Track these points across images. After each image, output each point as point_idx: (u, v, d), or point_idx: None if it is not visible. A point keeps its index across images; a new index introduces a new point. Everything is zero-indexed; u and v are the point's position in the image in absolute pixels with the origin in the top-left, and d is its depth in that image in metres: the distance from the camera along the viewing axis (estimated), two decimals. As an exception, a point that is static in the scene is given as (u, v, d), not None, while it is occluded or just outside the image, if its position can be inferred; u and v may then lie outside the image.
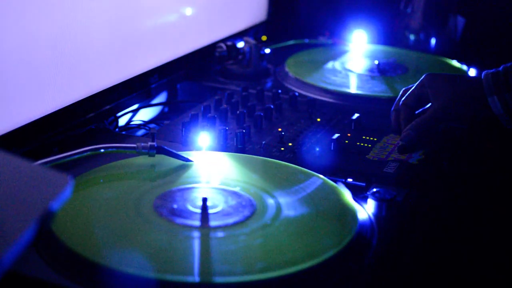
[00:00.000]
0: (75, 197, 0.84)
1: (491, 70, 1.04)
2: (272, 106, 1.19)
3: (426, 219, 0.92)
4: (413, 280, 0.87)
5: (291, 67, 1.43)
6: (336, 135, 1.07)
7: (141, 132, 1.29)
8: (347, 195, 0.89)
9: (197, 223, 0.80)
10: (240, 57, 1.43)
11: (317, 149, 1.06)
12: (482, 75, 1.05)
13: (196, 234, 0.78)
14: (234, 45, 1.45)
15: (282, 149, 1.06)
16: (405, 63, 1.48)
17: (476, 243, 0.99)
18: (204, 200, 0.82)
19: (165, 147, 0.95)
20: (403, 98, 1.10)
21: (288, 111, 1.22)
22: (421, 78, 1.09)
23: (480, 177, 1.05)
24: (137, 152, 0.94)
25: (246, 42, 1.44)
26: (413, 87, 1.10)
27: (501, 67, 1.04)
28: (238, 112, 1.16)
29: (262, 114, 1.15)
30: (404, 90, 1.13)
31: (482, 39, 1.67)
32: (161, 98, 1.42)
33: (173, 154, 0.95)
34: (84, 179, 0.91)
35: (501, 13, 1.68)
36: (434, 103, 1.07)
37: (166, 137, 1.10)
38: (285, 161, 0.99)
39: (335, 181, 0.93)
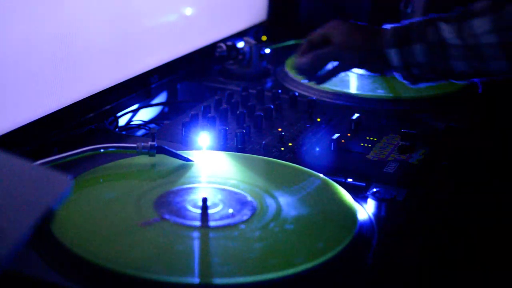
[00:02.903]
0: (75, 197, 0.84)
1: (397, 24, 1.10)
2: (272, 106, 1.19)
3: (426, 219, 0.92)
4: (413, 280, 0.87)
5: (291, 67, 1.43)
6: (336, 135, 1.07)
7: (141, 132, 1.29)
8: (346, 195, 0.89)
9: (197, 223, 0.80)
10: (240, 57, 1.43)
11: (317, 149, 1.06)
12: (386, 28, 1.11)
13: (196, 234, 0.78)
14: (234, 45, 1.45)
15: (282, 149, 1.06)
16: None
17: (476, 243, 0.99)
18: (204, 200, 0.82)
19: (165, 147, 0.95)
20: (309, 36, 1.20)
21: (288, 111, 1.22)
22: (329, 22, 1.18)
23: (480, 177, 1.05)
24: (137, 152, 0.94)
25: (246, 42, 1.44)
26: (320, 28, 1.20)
27: (407, 21, 1.10)
28: (238, 112, 1.16)
29: (262, 114, 1.15)
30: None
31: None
32: (161, 98, 1.42)
33: (173, 153, 0.95)
34: (84, 179, 0.91)
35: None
36: (335, 43, 1.15)
37: (166, 137, 1.10)
38: (285, 161, 0.99)
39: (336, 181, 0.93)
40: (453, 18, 1.06)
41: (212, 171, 0.95)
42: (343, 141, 1.08)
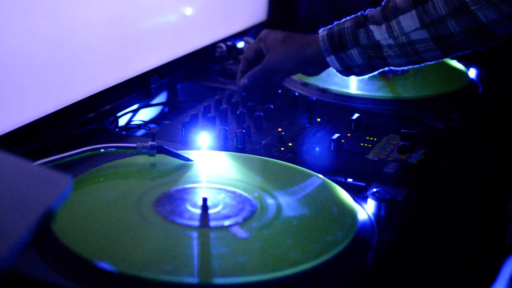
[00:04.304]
0: (75, 197, 0.84)
1: (326, 31, 1.13)
2: (272, 106, 1.19)
3: (426, 219, 0.92)
4: (413, 280, 0.87)
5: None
6: (336, 135, 1.07)
7: (141, 132, 1.29)
8: (346, 195, 0.89)
9: (197, 223, 0.80)
10: (240, 57, 1.43)
11: (317, 149, 1.06)
12: (319, 36, 1.13)
13: (196, 234, 0.78)
14: (234, 45, 1.45)
15: (282, 149, 1.06)
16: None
17: (476, 243, 0.99)
18: (204, 200, 0.82)
19: (165, 147, 0.95)
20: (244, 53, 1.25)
21: (288, 111, 1.22)
22: (259, 34, 1.22)
23: (480, 177, 1.05)
24: (137, 152, 0.94)
25: (246, 42, 1.44)
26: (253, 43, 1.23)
27: (334, 24, 1.13)
28: (238, 112, 1.16)
29: (262, 114, 1.15)
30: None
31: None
32: (161, 98, 1.42)
33: (173, 153, 0.95)
34: (84, 179, 0.91)
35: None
36: (267, 56, 1.20)
37: (166, 137, 1.10)
38: (285, 161, 0.99)
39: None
40: (381, 17, 1.08)
41: (212, 171, 0.95)
42: (343, 141, 1.08)
